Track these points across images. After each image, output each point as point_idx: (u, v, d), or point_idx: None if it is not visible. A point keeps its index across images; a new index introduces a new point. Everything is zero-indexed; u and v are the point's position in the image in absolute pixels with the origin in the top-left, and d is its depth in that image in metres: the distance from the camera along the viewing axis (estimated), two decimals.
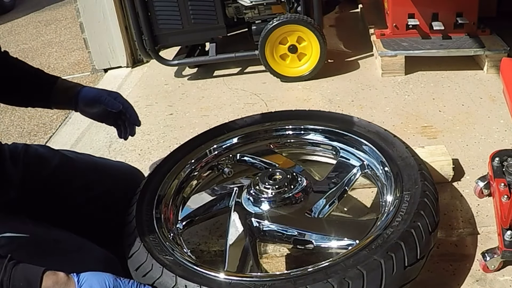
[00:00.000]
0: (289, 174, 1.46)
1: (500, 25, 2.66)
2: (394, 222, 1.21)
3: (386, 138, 1.54)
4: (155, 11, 2.70)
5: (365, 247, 1.15)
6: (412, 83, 2.49)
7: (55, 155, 1.50)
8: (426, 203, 1.25)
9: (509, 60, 1.43)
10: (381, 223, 1.26)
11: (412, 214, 1.21)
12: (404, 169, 1.39)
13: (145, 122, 2.34)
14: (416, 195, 1.27)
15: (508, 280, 1.35)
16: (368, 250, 1.13)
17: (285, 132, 1.72)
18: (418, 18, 2.58)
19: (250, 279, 1.14)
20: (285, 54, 2.61)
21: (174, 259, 1.20)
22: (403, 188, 1.32)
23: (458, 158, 1.83)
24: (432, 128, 2.08)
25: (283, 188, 1.42)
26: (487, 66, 2.47)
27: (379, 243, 1.15)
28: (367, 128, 1.60)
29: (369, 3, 3.35)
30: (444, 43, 2.54)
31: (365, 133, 1.58)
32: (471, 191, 1.67)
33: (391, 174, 1.40)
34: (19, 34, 5.47)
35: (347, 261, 1.11)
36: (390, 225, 1.20)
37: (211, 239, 1.58)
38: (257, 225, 1.39)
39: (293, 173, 1.48)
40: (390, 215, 1.25)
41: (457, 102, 2.26)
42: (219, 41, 2.90)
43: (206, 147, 1.67)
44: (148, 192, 1.46)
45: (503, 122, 2.04)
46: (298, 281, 1.08)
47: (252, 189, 1.45)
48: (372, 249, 1.13)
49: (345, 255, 1.15)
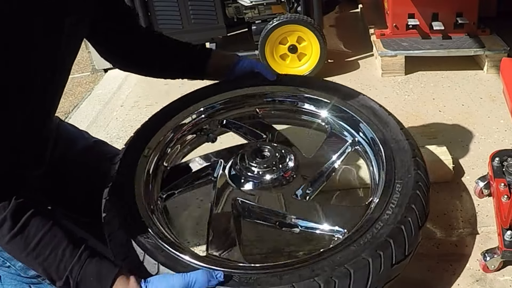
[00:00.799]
0: (277, 152, 1.38)
1: (500, 25, 2.66)
2: (384, 215, 1.17)
3: (380, 115, 1.44)
4: (155, 11, 2.69)
5: (354, 242, 1.12)
6: (412, 83, 2.49)
7: (84, 137, 1.48)
8: (418, 196, 1.20)
9: (509, 60, 1.43)
10: (371, 214, 1.22)
11: (404, 208, 1.18)
12: (397, 153, 1.32)
13: None
14: (409, 186, 1.23)
15: (508, 280, 1.35)
16: (356, 246, 1.11)
17: (275, 98, 1.57)
18: (418, 18, 2.58)
19: (233, 270, 1.09)
20: (285, 54, 2.61)
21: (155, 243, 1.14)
22: (395, 175, 1.27)
23: (458, 158, 1.83)
24: (432, 128, 2.08)
25: (270, 168, 1.36)
26: (487, 66, 2.47)
27: (368, 239, 1.12)
28: (361, 102, 1.50)
29: (369, 3, 3.35)
30: (444, 43, 2.54)
31: (358, 107, 1.48)
32: (471, 191, 1.67)
33: (384, 157, 1.34)
34: None
35: (334, 257, 1.09)
36: (380, 218, 1.17)
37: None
38: (242, 204, 1.34)
39: (281, 150, 1.40)
40: (380, 206, 1.21)
41: (457, 102, 2.26)
42: (219, 41, 2.89)
43: (190, 111, 1.52)
44: (129, 157, 1.35)
45: (503, 122, 2.04)
46: (284, 276, 1.06)
47: (238, 165, 1.38)
48: (361, 245, 1.11)
49: (332, 250, 1.12)
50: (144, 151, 1.37)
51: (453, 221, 1.57)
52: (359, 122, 1.44)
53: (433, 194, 1.69)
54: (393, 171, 1.28)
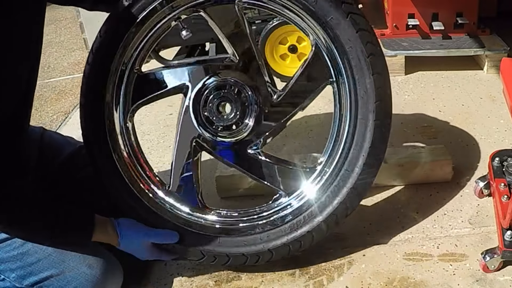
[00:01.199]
0: (240, 102, 1.39)
1: (500, 25, 2.66)
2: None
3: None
4: None
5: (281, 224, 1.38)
6: (412, 83, 2.49)
7: (69, 143, 1.50)
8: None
9: (509, 60, 1.43)
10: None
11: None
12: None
13: (145, 122, 2.34)
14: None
15: (508, 280, 1.34)
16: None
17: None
18: (418, 18, 2.57)
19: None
20: (285, 54, 2.61)
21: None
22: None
23: (458, 158, 1.83)
24: (432, 128, 2.08)
25: (230, 121, 1.40)
26: (487, 66, 2.47)
27: (300, 223, 1.37)
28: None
29: (369, 3, 3.34)
30: (444, 43, 2.54)
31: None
32: (471, 191, 1.67)
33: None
34: None
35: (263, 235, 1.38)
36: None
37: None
38: (203, 145, 1.43)
39: (245, 98, 1.39)
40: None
41: (457, 102, 2.26)
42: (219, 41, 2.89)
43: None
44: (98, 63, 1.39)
45: (503, 122, 2.04)
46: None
47: (198, 106, 1.41)
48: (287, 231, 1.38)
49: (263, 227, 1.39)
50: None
51: (453, 221, 1.57)
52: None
53: (433, 194, 1.70)
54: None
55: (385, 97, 1.33)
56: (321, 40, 1.34)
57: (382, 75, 1.33)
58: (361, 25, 1.31)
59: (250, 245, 1.39)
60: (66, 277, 1.19)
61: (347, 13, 1.29)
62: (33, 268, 1.18)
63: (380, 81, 1.32)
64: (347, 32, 1.30)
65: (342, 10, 1.29)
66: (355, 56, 1.31)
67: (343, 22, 1.29)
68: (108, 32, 1.37)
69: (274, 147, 2.03)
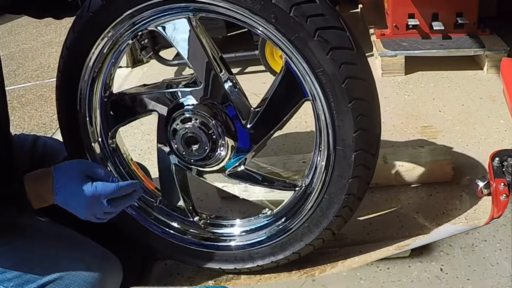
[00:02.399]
0: (207, 137, 1.26)
1: (500, 25, 2.66)
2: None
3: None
4: None
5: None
6: (412, 83, 2.49)
7: (62, 148, 1.49)
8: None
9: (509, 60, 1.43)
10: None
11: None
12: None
13: (145, 122, 2.34)
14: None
15: None
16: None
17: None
18: (418, 18, 2.57)
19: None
20: None
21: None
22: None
23: (458, 158, 1.83)
24: (432, 128, 2.08)
25: (200, 156, 1.29)
26: (487, 66, 2.46)
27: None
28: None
29: (369, 3, 3.35)
30: (444, 43, 2.54)
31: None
32: (471, 191, 1.67)
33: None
34: (19, 34, 5.47)
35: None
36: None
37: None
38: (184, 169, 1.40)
39: (212, 132, 1.26)
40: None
41: (457, 102, 2.26)
42: (219, 41, 2.89)
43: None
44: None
45: (503, 122, 2.04)
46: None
47: (172, 136, 1.32)
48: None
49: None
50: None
51: (453, 221, 1.57)
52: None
53: (433, 194, 1.70)
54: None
55: (369, 127, 1.16)
56: (294, 59, 1.14)
57: (365, 101, 1.15)
58: (334, 42, 1.07)
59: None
60: (64, 281, 1.19)
61: (314, 30, 1.06)
62: (30, 276, 1.18)
63: (361, 109, 1.14)
64: (315, 54, 1.08)
65: (308, 27, 1.06)
66: (327, 81, 1.11)
67: (309, 41, 1.07)
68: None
69: (274, 147, 2.03)
